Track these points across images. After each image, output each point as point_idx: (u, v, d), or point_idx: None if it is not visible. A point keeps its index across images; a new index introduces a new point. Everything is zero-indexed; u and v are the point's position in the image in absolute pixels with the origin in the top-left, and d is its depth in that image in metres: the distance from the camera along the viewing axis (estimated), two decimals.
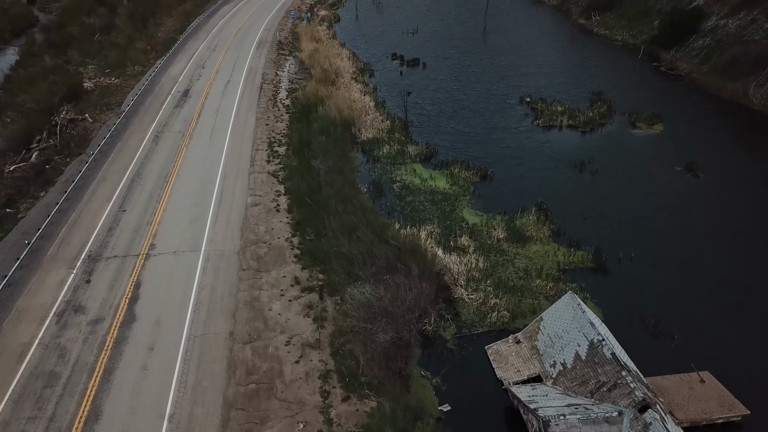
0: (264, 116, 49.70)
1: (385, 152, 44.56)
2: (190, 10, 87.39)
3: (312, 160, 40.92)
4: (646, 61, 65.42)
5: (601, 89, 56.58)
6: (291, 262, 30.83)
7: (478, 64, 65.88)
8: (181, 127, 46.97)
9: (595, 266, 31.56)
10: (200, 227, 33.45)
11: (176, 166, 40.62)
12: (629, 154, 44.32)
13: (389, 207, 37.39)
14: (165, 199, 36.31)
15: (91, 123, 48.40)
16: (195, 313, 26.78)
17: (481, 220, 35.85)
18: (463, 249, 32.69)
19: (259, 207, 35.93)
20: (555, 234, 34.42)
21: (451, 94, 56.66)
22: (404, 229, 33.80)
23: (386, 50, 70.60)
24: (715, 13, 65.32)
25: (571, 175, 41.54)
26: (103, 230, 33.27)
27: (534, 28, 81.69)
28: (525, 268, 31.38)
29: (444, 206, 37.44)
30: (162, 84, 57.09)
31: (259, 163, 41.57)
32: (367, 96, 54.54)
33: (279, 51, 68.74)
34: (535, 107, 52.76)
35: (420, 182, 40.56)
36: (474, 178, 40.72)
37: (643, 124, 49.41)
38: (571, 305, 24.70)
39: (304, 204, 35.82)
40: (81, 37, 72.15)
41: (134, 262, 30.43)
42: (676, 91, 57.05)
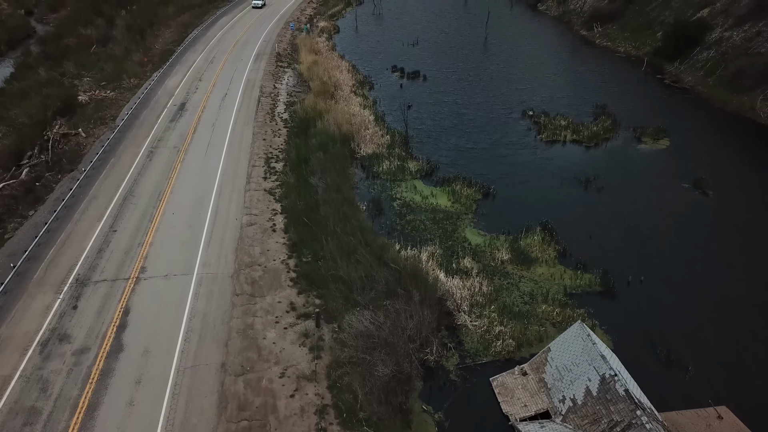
0: (261, 131, 48.67)
1: (384, 168, 43.46)
2: (188, 21, 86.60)
3: (310, 177, 39.82)
4: (650, 73, 64.53)
5: (605, 102, 55.59)
6: (287, 286, 29.63)
7: (479, 77, 64.98)
8: (176, 143, 45.91)
9: (603, 290, 30.37)
10: (193, 249, 32.26)
11: (170, 183, 39.49)
12: (635, 170, 43.23)
13: (389, 226, 36.24)
14: (158, 219, 35.15)
15: (85, 138, 47.31)
16: (185, 343, 25.54)
17: (484, 240, 34.69)
18: (466, 272, 31.50)
19: (254, 227, 34.77)
20: (561, 255, 33.25)
21: (452, 107, 55.65)
22: (405, 250, 32.66)
23: (386, 62, 69.74)
24: (719, 25, 64.51)
25: (576, 192, 40.43)
26: (92, 252, 32.08)
27: (535, 40, 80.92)
28: (530, 292, 30.17)
29: (446, 225, 36.29)
30: (158, 97, 56.10)
31: (256, 179, 40.46)
32: (367, 110, 53.54)
33: (277, 63, 67.86)
34: (538, 121, 51.74)
35: (421, 200, 39.44)
36: (476, 196, 39.60)
37: (648, 138, 48.37)
38: (580, 336, 23.48)
39: (301, 223, 34.67)
40: (77, 49, 71.20)
41: (124, 286, 29.22)
42: (681, 105, 56.10)
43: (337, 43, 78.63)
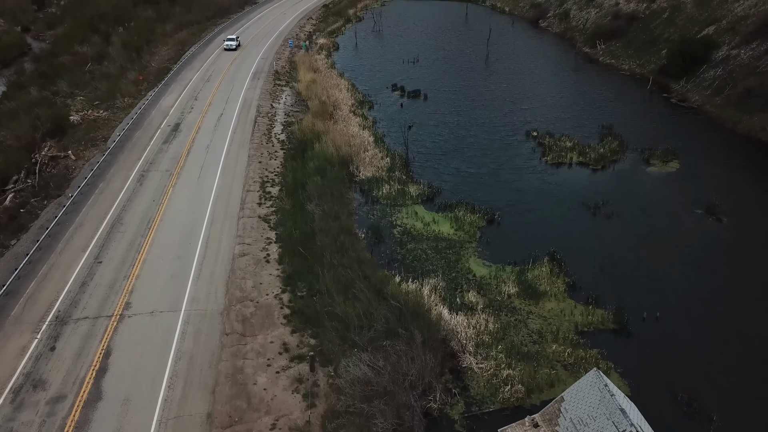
0: (257, 153, 47.09)
1: (384, 192, 41.80)
2: (185, 38, 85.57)
3: (306, 203, 38.13)
4: (656, 92, 63.14)
5: (611, 122, 54.09)
6: (280, 324, 27.81)
7: (481, 96, 63.60)
8: (168, 166, 44.30)
9: (617, 327, 28.55)
10: (182, 282, 30.48)
11: (161, 210, 37.80)
12: (645, 195, 41.56)
13: (389, 256, 34.47)
14: (146, 249, 33.40)
15: (74, 161, 45.74)
16: (169, 390, 23.67)
17: (490, 271, 32.91)
18: (471, 307, 29.70)
19: (247, 257, 33.01)
20: (570, 288, 31.47)
21: (453, 129, 54.07)
22: (406, 283, 30.90)
23: (386, 80, 68.43)
24: (725, 43, 63.22)
25: (584, 219, 38.72)
26: (75, 286, 30.29)
27: (538, 57, 79.72)
28: (539, 330, 28.34)
29: (448, 255, 34.54)
30: (152, 117, 54.62)
31: (250, 206, 38.78)
32: (366, 130, 52.02)
33: (275, 81, 66.54)
34: (543, 142, 50.18)
35: (422, 227, 37.72)
36: (480, 223, 37.89)
37: (657, 161, 46.75)
38: (596, 386, 21.58)
39: (296, 254, 32.92)
40: (72, 67, 69.91)
41: (106, 324, 27.39)
42: (689, 125, 54.59)
43: (337, 61, 77.46)
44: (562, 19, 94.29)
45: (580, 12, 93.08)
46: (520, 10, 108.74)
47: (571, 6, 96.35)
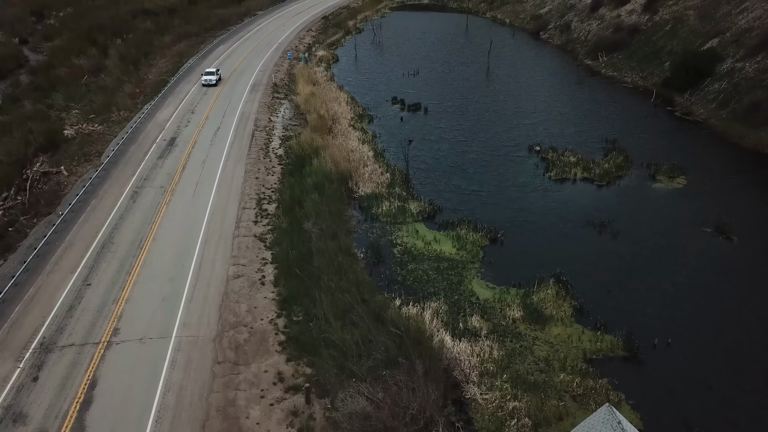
0: (254, 168, 46.03)
1: (384, 209, 40.70)
2: (184, 50, 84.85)
3: (304, 222, 36.99)
4: (659, 105, 62.25)
5: (615, 137, 53.13)
6: (275, 352, 26.57)
7: (482, 109, 62.68)
8: (163, 182, 43.22)
9: (627, 355, 27.32)
10: (173, 306, 29.26)
11: (153, 228, 36.66)
12: (652, 213, 40.44)
13: (389, 277, 33.31)
14: (137, 271, 32.21)
15: (66, 177, 44.68)
16: (157, 424, 22.40)
17: (494, 294, 31.72)
18: (475, 332, 28.52)
19: (241, 279, 31.82)
20: (577, 312, 30.27)
21: (455, 144, 52.99)
22: (406, 307, 29.72)
23: (386, 93, 67.56)
24: (730, 56, 62.38)
25: (590, 237, 37.56)
26: (61, 310, 29.08)
27: (539, 70, 78.94)
28: (546, 358, 27.10)
29: (450, 276, 33.38)
30: (147, 131, 53.63)
31: (246, 224, 37.65)
32: (366, 145, 51.01)
33: (274, 94, 65.64)
34: (546, 157, 49.13)
35: (423, 246, 36.57)
36: (483, 242, 36.74)
37: (663, 176, 45.68)
38: (609, 423, 20.31)
39: (292, 275, 31.75)
40: (68, 80, 69.22)
41: (93, 352, 26.16)
42: (694, 139, 53.59)
43: (336, 73, 76.68)
44: (563, 31, 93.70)
45: (582, 24, 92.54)
46: (521, 21, 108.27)
47: (572, 18, 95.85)
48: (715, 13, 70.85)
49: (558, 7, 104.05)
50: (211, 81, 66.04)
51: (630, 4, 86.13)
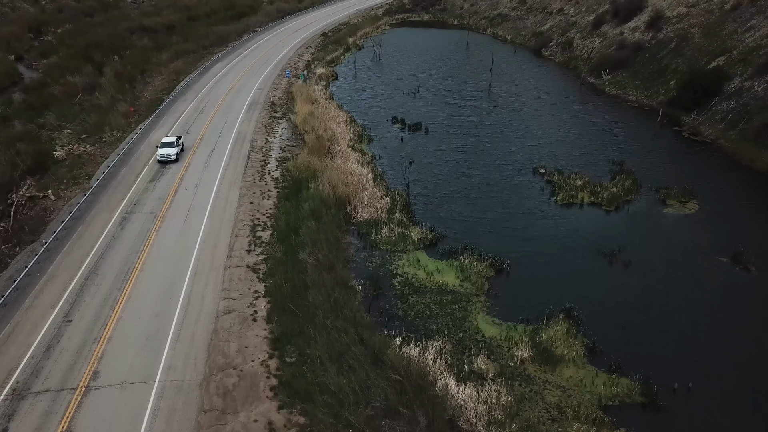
0: (249, 192, 44.32)
1: (384, 237, 38.92)
2: (181, 68, 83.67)
3: (299, 251, 35.19)
4: (666, 125, 60.72)
5: (622, 158, 51.49)
6: (265, 398, 24.63)
7: (484, 129, 61.13)
8: (153, 207, 41.50)
9: (645, 401, 25.40)
10: (158, 346, 27.38)
11: (141, 258, 34.86)
12: (664, 241, 38.63)
13: (388, 312, 31.46)
14: (121, 306, 30.36)
15: (53, 201, 42.97)
16: None
17: (500, 331, 29.85)
18: (481, 375, 26.64)
19: (232, 315, 29.95)
20: (590, 351, 28.38)
21: (456, 167, 51.06)
22: (407, 346, 27.84)
23: (386, 112, 66.09)
24: (737, 75, 60.94)
25: (600, 268, 35.73)
26: (38, 350, 27.21)
27: (542, 88, 77.61)
28: (558, 404, 25.17)
29: (454, 311, 31.52)
30: (140, 153, 52.03)
31: (238, 253, 35.84)
32: (365, 167, 49.33)
33: (271, 114, 64.19)
34: (552, 180, 47.44)
35: (425, 276, 34.75)
36: (488, 272, 34.92)
37: (674, 201, 43.95)
38: None
39: (286, 310, 29.89)
40: (62, 98, 67.88)
41: (69, 399, 24.23)
42: (704, 161, 51.93)
43: (335, 92, 75.29)
44: (566, 48, 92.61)
45: (584, 41, 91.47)
46: (522, 38, 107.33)
47: (574, 35, 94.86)
48: (720, 31, 69.62)
49: (559, 24, 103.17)
50: (169, 156, 48.77)
51: (633, 22, 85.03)
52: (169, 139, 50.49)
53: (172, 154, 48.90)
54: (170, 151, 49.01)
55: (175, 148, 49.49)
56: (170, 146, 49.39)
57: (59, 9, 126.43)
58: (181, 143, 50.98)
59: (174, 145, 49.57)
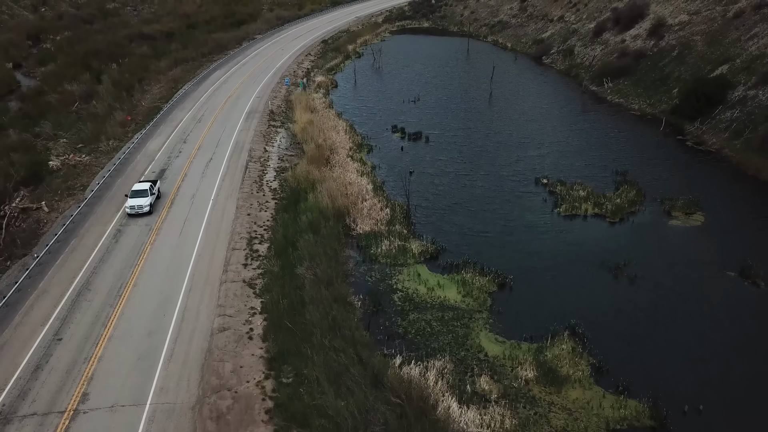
0: (246, 203, 43.54)
1: (383, 250, 38.09)
2: (179, 76, 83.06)
3: (297, 266, 34.36)
4: (669, 134, 59.95)
5: (625, 168, 50.70)
6: (261, 422, 23.75)
7: (485, 138, 60.38)
8: (148, 219, 40.72)
9: (655, 424, 24.52)
10: (150, 366, 26.52)
11: (135, 273, 34.04)
12: (670, 254, 37.75)
13: (388, 329, 30.61)
14: (113, 323, 29.52)
15: (47, 213, 42.20)
16: None
17: (503, 349, 28.97)
18: (484, 396, 25.75)
19: (227, 333, 29.10)
20: (596, 371, 27.51)
21: (457, 178, 50.22)
22: (407, 366, 26.95)
23: (386, 121, 65.37)
24: (741, 83, 60.21)
25: (605, 282, 34.86)
26: (27, 371, 26.36)
27: (543, 96, 76.90)
28: (564, 429, 24.29)
29: (456, 327, 30.66)
30: (136, 163, 51.31)
31: (234, 267, 35.01)
32: (365, 177, 48.56)
33: (270, 122, 63.48)
34: (554, 191, 46.64)
35: (426, 292, 33.90)
36: (490, 287, 34.08)
37: (679, 212, 43.11)
38: None
39: (283, 328, 29.04)
40: (58, 107, 67.29)
41: (56, 423, 23.37)
42: (709, 171, 51.08)
43: (335, 100, 74.59)
44: (567, 55, 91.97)
45: (585, 49, 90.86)
46: (523, 46, 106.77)
47: (575, 42, 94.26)
48: (723, 39, 68.98)
49: (560, 31, 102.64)
50: (141, 208, 40.55)
51: (634, 29, 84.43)
52: (141, 186, 42.28)
53: (144, 205, 40.68)
54: (142, 201, 40.82)
55: (149, 197, 41.23)
56: (142, 195, 41.23)
57: (59, 16, 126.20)
58: (156, 190, 42.86)
59: (147, 194, 41.34)
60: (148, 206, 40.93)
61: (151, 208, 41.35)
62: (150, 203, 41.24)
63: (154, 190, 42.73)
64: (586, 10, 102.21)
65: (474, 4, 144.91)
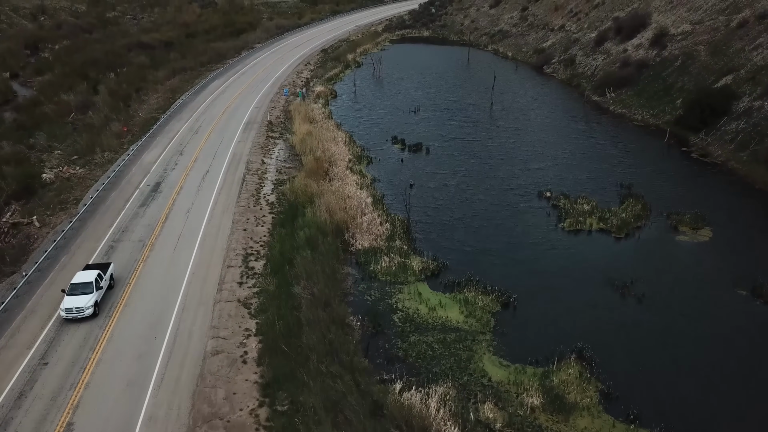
0: (242, 218, 42.51)
1: (383, 266, 37.00)
2: (177, 85, 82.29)
3: (294, 284, 33.27)
4: (674, 145, 59.02)
5: (630, 181, 49.67)
6: None
7: (486, 150, 59.39)
8: (142, 235, 39.67)
9: None
10: (139, 393, 25.37)
11: (126, 291, 32.95)
12: (678, 271, 36.66)
13: (388, 352, 29.45)
14: (102, 346, 28.40)
15: (38, 228, 41.16)
16: None
17: (508, 374, 27.82)
18: (488, 425, 24.58)
19: (221, 356, 27.97)
20: (605, 397, 26.35)
21: (458, 192, 49.21)
22: (408, 392, 25.79)
23: (386, 132, 64.45)
24: (746, 94, 59.36)
25: (612, 302, 33.73)
26: (9, 398, 25.22)
27: (545, 107, 76.05)
28: None
29: (459, 350, 29.53)
30: (131, 175, 50.31)
31: (229, 286, 33.91)
32: (364, 190, 47.52)
33: (268, 133, 62.57)
34: (558, 205, 45.61)
35: (427, 312, 32.78)
36: (493, 307, 32.96)
37: (686, 227, 42.04)
38: None
39: (278, 351, 27.92)
40: (54, 117, 66.35)
41: None
42: (715, 184, 50.05)
43: (334, 110, 73.71)
44: (568, 65, 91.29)
45: (586, 58, 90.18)
46: (523, 55, 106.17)
47: (577, 52, 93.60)
48: (727, 49, 68.18)
49: (561, 41, 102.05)
50: (80, 311, 29.68)
51: (636, 39, 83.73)
52: (84, 277, 31.07)
53: (84, 307, 29.65)
54: (82, 302, 29.75)
55: (93, 294, 30.32)
56: (83, 292, 30.26)
57: (58, 25, 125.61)
58: (107, 278, 32.17)
59: (91, 289, 30.45)
60: (92, 308, 29.98)
61: (97, 309, 30.34)
62: (95, 302, 30.30)
63: (104, 280, 31.86)
64: (588, 19, 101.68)
65: (474, 13, 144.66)
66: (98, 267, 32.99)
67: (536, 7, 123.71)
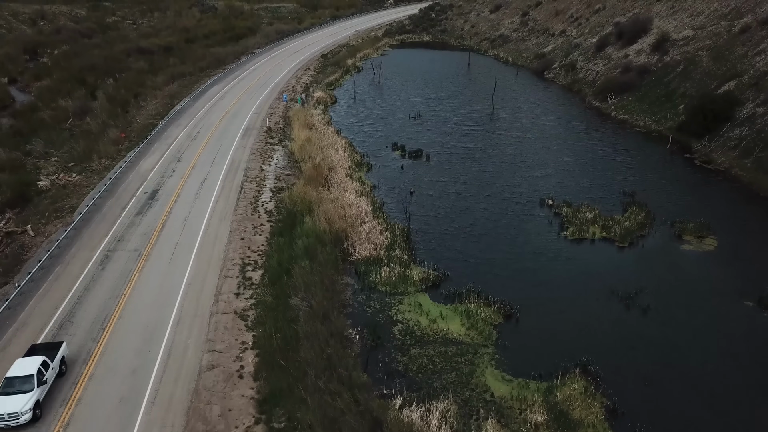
0: (240, 226, 41.88)
1: (383, 277, 36.35)
2: (176, 91, 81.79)
3: (291, 296, 32.61)
4: (676, 152, 58.41)
5: (633, 188, 49.10)
6: None
7: (487, 157, 58.82)
8: (138, 244, 39.04)
9: None
10: (131, 411, 24.69)
11: (121, 303, 32.29)
12: (683, 282, 36.00)
13: (388, 366, 28.77)
14: (95, 360, 27.73)
15: (32, 237, 40.53)
16: None
17: (511, 389, 27.13)
18: None
19: (216, 371, 27.31)
20: (610, 414, 25.66)
21: (458, 200, 48.73)
22: (408, 408, 25.11)
23: (386, 138, 63.91)
24: (750, 100, 58.81)
25: (616, 313, 33.06)
26: None
27: (546, 112, 75.49)
28: None
29: (460, 364, 28.84)
30: (128, 183, 49.71)
31: (226, 297, 33.26)
32: (364, 198, 46.91)
33: (267, 140, 62.01)
34: (560, 213, 45.00)
35: (427, 324, 32.10)
36: (496, 318, 32.29)
37: (691, 236, 41.41)
38: None
39: (275, 366, 27.27)
40: (51, 123, 65.84)
41: None
42: (719, 191, 49.42)
43: (334, 116, 73.19)
44: (569, 70, 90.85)
45: (587, 64, 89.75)
46: (524, 60, 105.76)
47: (578, 57, 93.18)
48: (729, 54, 67.68)
49: (562, 46, 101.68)
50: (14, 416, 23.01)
51: (638, 44, 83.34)
52: (22, 369, 24.60)
53: (18, 412, 23.03)
54: (14, 405, 23.21)
55: (31, 393, 23.79)
56: (20, 390, 23.84)
57: (57, 30, 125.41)
58: (56, 364, 25.71)
59: (30, 385, 24.00)
60: (29, 412, 23.24)
61: (38, 412, 23.64)
62: (36, 401, 23.70)
63: (51, 368, 25.21)
64: (588, 25, 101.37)
65: (474, 18, 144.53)
66: (46, 348, 26.26)
67: (537, 12, 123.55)
